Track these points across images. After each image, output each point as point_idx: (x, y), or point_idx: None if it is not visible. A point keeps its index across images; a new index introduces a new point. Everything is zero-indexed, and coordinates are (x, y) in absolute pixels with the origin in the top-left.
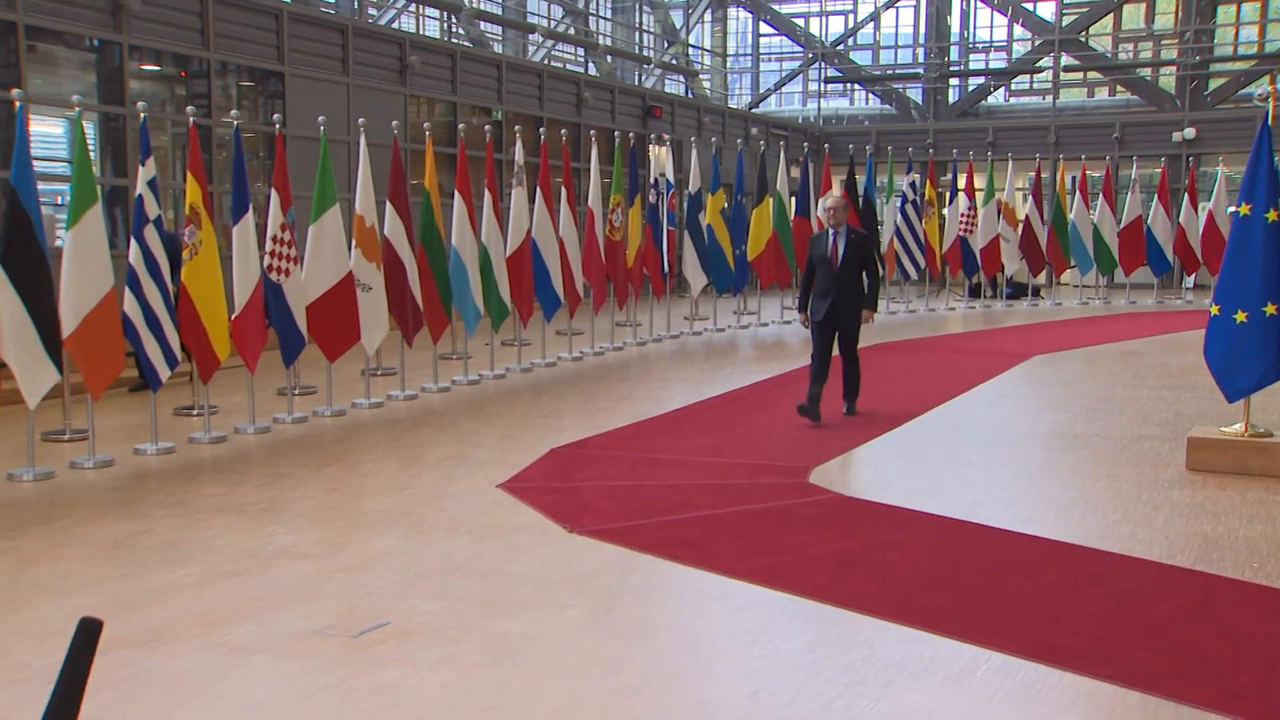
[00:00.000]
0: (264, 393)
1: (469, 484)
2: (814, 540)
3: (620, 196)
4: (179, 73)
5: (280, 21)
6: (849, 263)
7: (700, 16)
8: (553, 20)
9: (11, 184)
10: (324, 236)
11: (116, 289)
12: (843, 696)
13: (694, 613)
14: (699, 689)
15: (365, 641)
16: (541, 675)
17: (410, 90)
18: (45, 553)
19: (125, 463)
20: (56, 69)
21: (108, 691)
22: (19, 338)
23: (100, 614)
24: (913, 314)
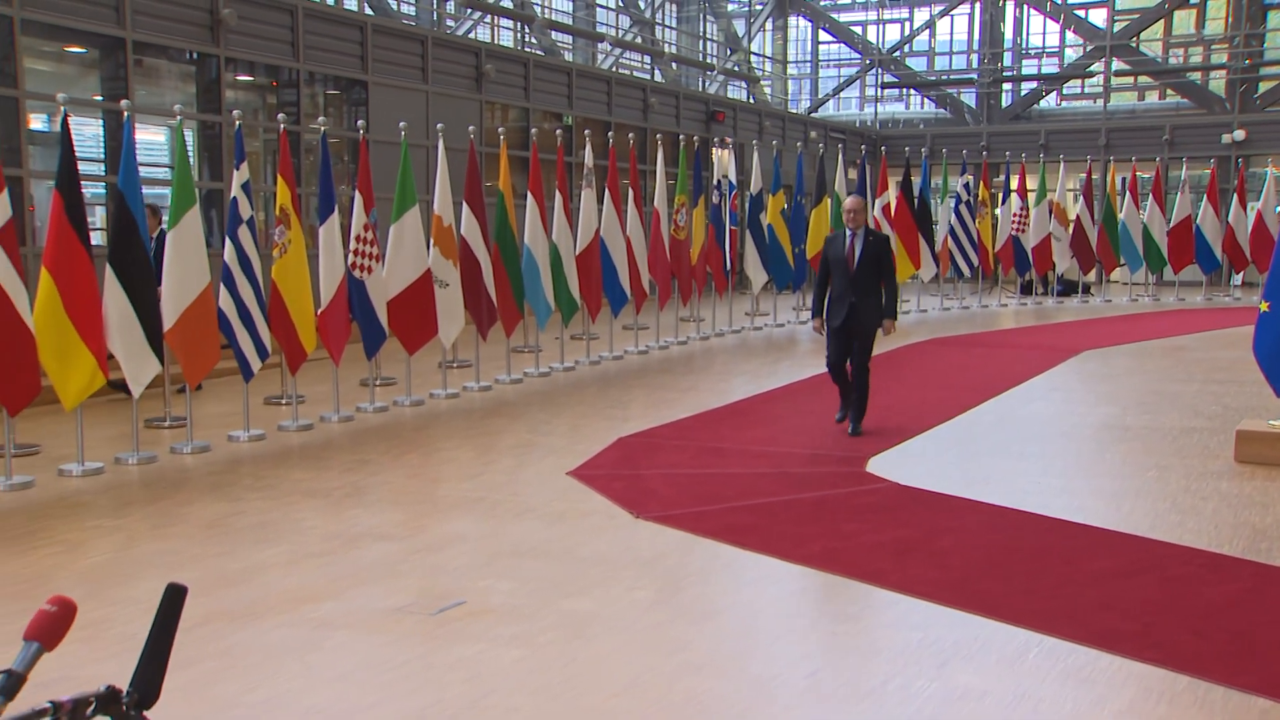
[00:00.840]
0: (347, 383)
1: (540, 471)
2: (870, 527)
3: (685, 197)
4: (270, 83)
5: (365, 33)
6: (866, 265)
7: (762, 25)
8: (621, 29)
9: (119, 188)
10: (404, 236)
11: (212, 285)
12: (898, 677)
13: (754, 595)
14: (759, 668)
15: (443, 619)
16: (610, 652)
17: (485, 97)
18: (149, 532)
19: (220, 448)
20: (159, 81)
21: (207, 662)
22: (125, 332)
23: (197, 589)
24: (966, 310)
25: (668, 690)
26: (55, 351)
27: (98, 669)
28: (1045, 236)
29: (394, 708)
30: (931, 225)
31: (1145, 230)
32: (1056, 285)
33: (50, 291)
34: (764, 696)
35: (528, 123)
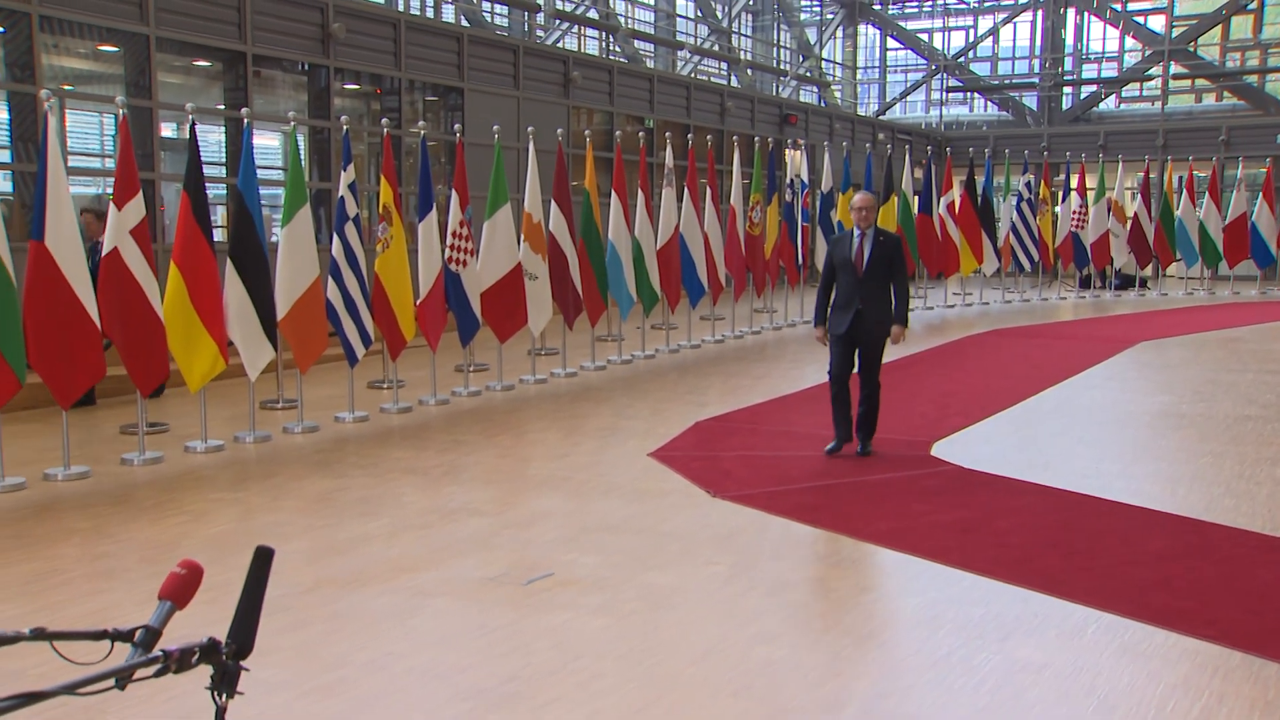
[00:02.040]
0: (443, 369)
1: (623, 452)
2: (935, 508)
3: (759, 195)
4: (375, 90)
5: (461, 44)
6: (875, 268)
7: (833, 32)
8: (699, 38)
9: (239, 188)
10: (497, 231)
11: (321, 278)
12: (962, 649)
13: (824, 570)
14: (830, 638)
15: (533, 589)
16: (689, 622)
17: (572, 102)
18: (264, 504)
19: (327, 429)
20: (275, 90)
21: (317, 624)
22: (243, 320)
23: (307, 558)
24: (1027, 303)
25: (743, 658)
26: (182, 339)
27: (221, 627)
28: (1104, 233)
29: (487, 670)
30: (994, 222)
31: (1201, 227)
32: (1114, 279)
33: (178, 284)
34: (834, 664)
35: (612, 126)
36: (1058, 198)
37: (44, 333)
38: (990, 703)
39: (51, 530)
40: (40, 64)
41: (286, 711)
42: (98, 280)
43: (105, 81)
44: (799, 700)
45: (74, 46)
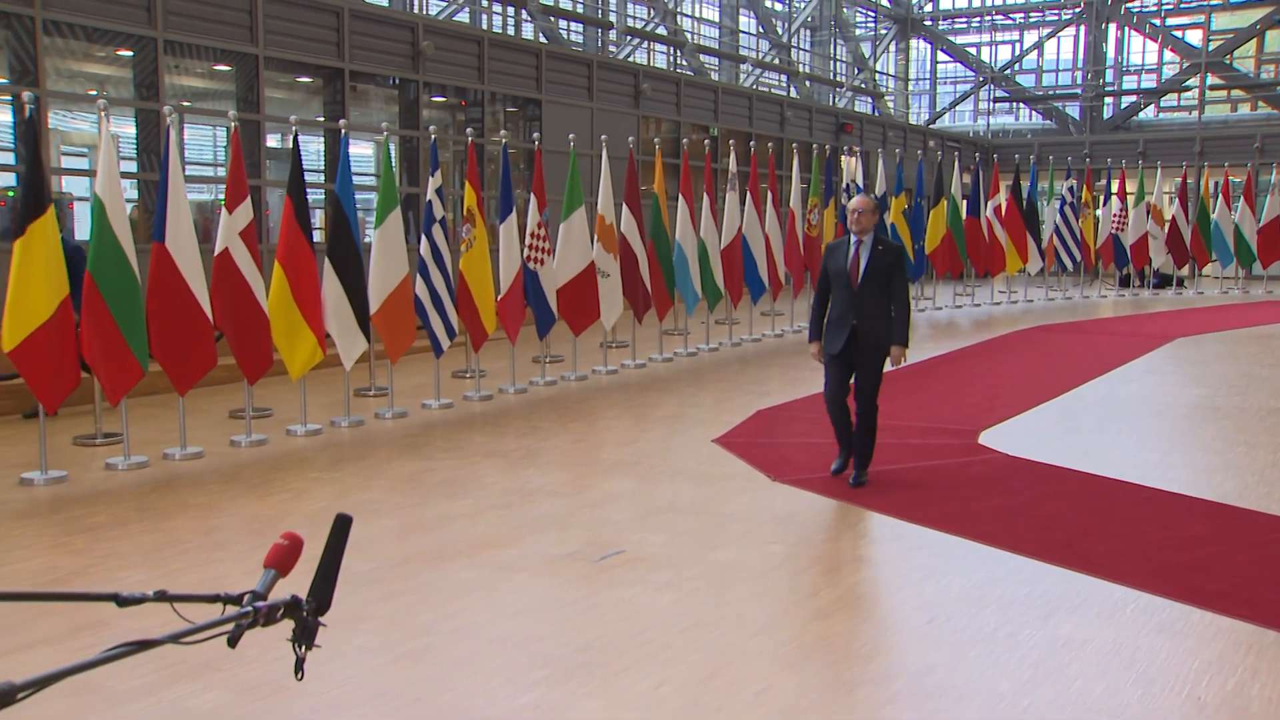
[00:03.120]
0: (522, 360)
1: (689, 438)
2: (982, 493)
3: (817, 199)
4: (460, 102)
5: (539, 59)
6: (873, 280)
7: (886, 46)
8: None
9: (336, 193)
10: (572, 232)
11: (410, 275)
12: (1007, 625)
13: (878, 551)
14: (882, 614)
15: (605, 565)
16: (750, 597)
17: (642, 112)
18: (358, 484)
19: (415, 415)
20: (369, 103)
21: (407, 595)
22: (339, 314)
23: (397, 534)
24: (1069, 300)
25: (801, 632)
26: (284, 331)
27: None
28: (1143, 234)
29: (563, 640)
30: (1039, 224)
31: (1236, 229)
32: (1152, 279)
33: (281, 281)
34: (886, 639)
35: (679, 134)
36: (1099, 201)
37: (163, 326)
38: (1034, 676)
39: (171, 504)
40: (163, 83)
41: (378, 675)
42: (210, 279)
43: (219, 98)
44: (853, 672)
45: (192, 67)
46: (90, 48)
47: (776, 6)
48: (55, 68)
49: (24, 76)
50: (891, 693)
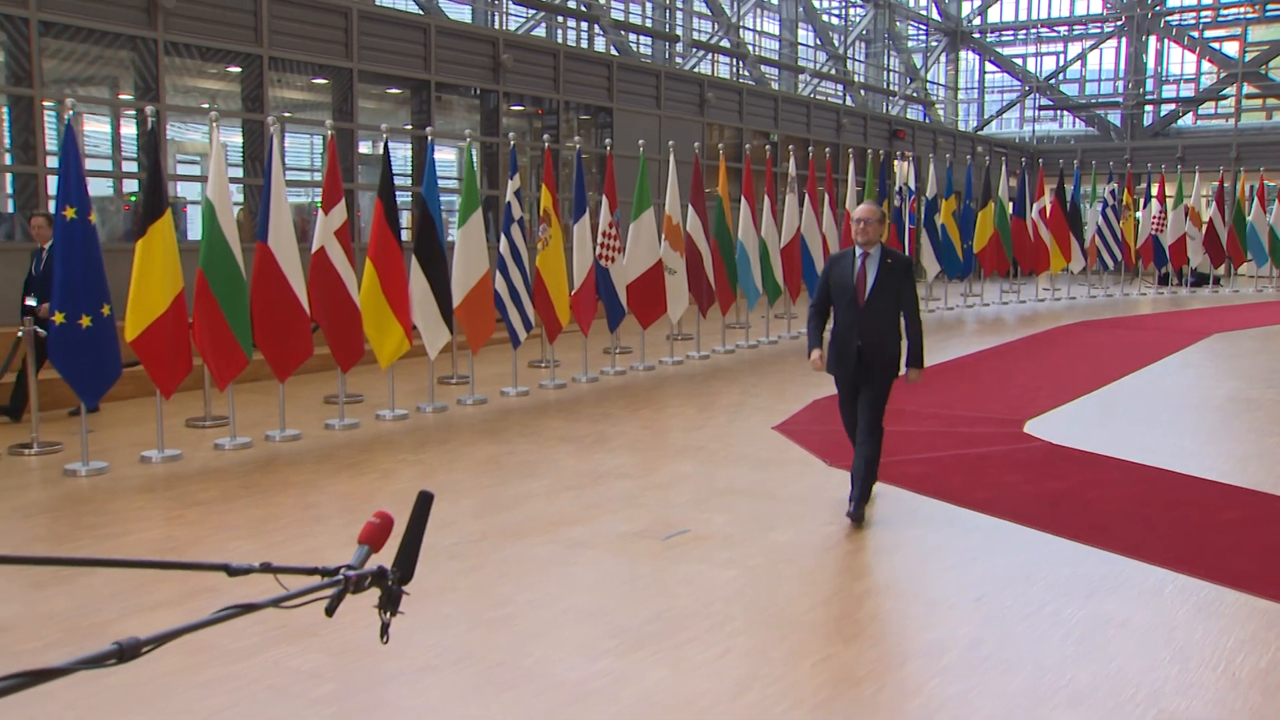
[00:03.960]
0: (594, 351)
1: (750, 425)
2: (1027, 479)
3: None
4: (537, 110)
5: (611, 70)
6: (880, 297)
7: (937, 57)
8: (818, 63)
9: (422, 195)
10: (641, 232)
11: (490, 271)
12: (1052, 604)
13: (928, 532)
14: (933, 592)
15: (671, 543)
16: (807, 575)
17: (707, 119)
18: (442, 465)
19: (495, 402)
20: (452, 112)
21: (488, 568)
22: (425, 308)
23: (478, 512)
24: (1110, 297)
25: (856, 608)
26: (374, 323)
27: None
28: (1181, 235)
29: (632, 612)
30: (1081, 225)
31: (1271, 230)
32: (1190, 277)
33: (372, 277)
34: (936, 615)
35: (741, 140)
36: (1139, 204)
37: (265, 318)
38: (1077, 651)
39: (272, 482)
40: (267, 96)
41: (461, 641)
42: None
43: (316, 109)
44: (906, 646)
45: (293, 81)
46: (204, 65)
47: (833, 20)
48: (173, 84)
49: (146, 93)
50: (942, 665)
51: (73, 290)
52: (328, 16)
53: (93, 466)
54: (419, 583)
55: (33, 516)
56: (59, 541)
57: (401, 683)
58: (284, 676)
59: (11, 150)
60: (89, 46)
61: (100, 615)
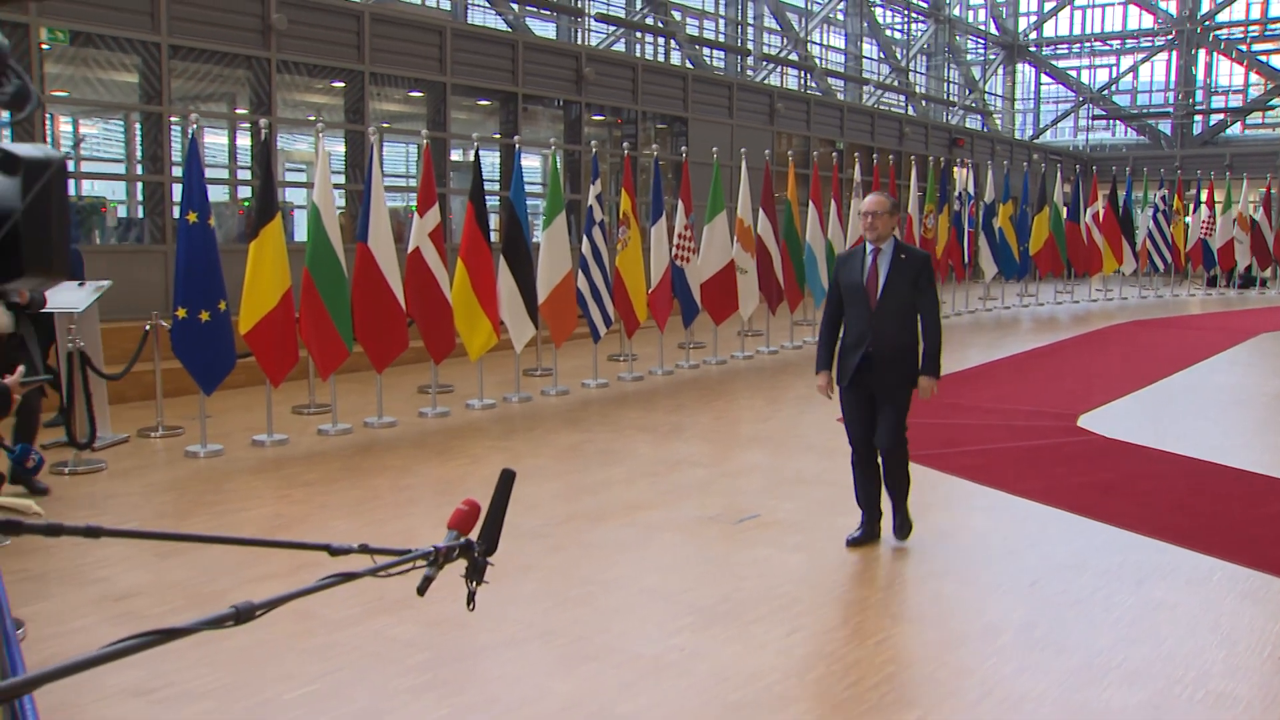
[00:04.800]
0: (669, 346)
1: (817, 417)
2: (1080, 470)
3: (932, 206)
4: (616, 120)
5: (686, 82)
6: (894, 297)
7: (994, 70)
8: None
9: (510, 199)
10: (714, 234)
11: (573, 271)
12: (1103, 589)
13: (985, 520)
14: (989, 577)
15: (742, 528)
16: (871, 559)
17: (776, 128)
18: (528, 452)
19: (576, 393)
20: (538, 121)
21: (571, 549)
22: (511, 304)
23: (561, 497)
24: (1160, 298)
25: (916, 591)
26: (465, 318)
27: None
28: (1229, 239)
29: (705, 591)
30: (1133, 229)
31: None
32: (1238, 279)
33: (463, 276)
34: (993, 597)
35: (809, 148)
36: (1189, 209)
37: (365, 313)
38: (1128, 635)
39: (370, 465)
40: (368, 108)
41: (546, 617)
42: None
43: (412, 120)
44: (964, 626)
45: (391, 94)
46: (311, 81)
47: (896, 35)
48: (284, 99)
49: (259, 107)
50: (997, 645)
51: (193, 288)
52: (424, 35)
53: (210, 449)
54: (507, 561)
55: (159, 494)
56: (181, 516)
57: (490, 653)
58: (382, 645)
59: (142, 161)
60: (210, 66)
61: (217, 584)
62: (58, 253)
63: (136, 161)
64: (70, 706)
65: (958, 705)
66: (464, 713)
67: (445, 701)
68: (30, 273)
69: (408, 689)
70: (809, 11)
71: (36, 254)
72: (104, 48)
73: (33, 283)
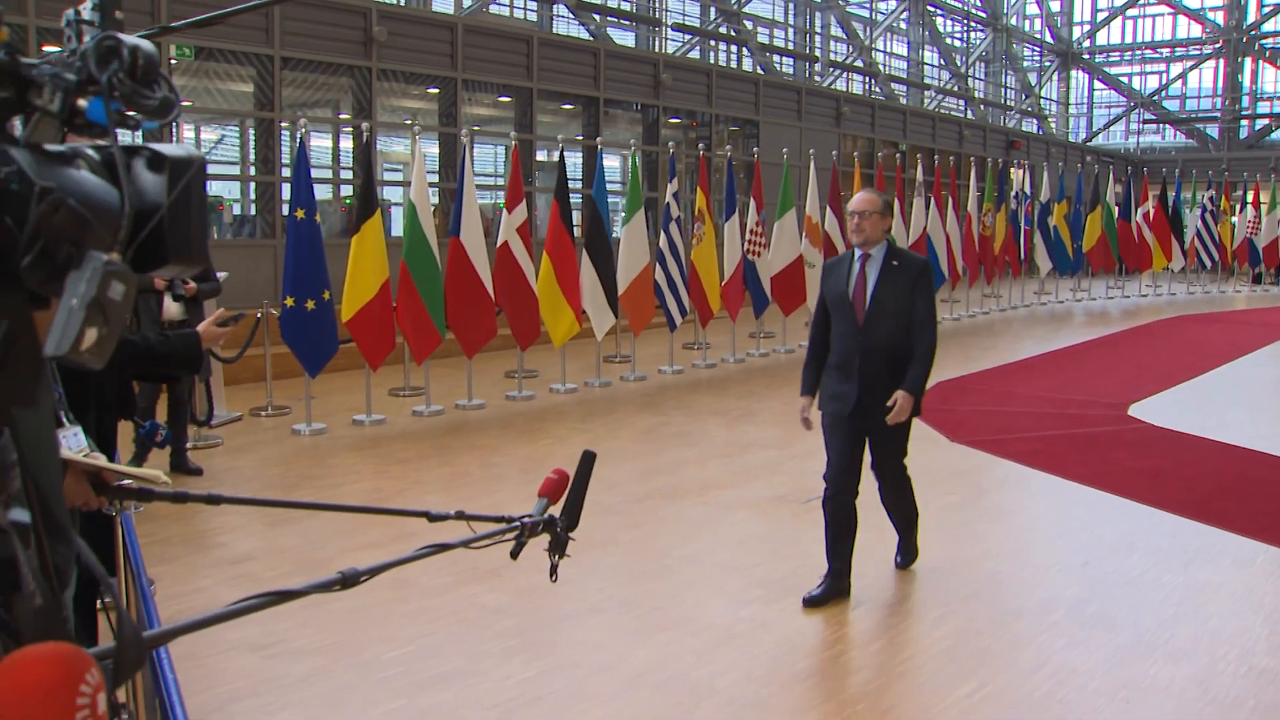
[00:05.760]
0: (740, 335)
1: None
2: (1131, 457)
3: (990, 204)
4: (692, 123)
5: (757, 87)
6: (884, 311)
7: (1050, 76)
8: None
9: (592, 197)
10: (784, 230)
11: (651, 264)
12: (1152, 570)
13: (1039, 503)
14: (1042, 557)
15: (809, 507)
16: (932, 538)
17: (842, 130)
18: (607, 434)
19: (653, 379)
20: (617, 124)
21: (648, 526)
22: (593, 295)
23: (638, 477)
24: (1208, 294)
25: (974, 569)
26: (549, 308)
27: None
28: (1274, 238)
29: (774, 566)
30: (1182, 228)
31: None
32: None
33: (548, 267)
34: (1046, 577)
35: (873, 149)
36: (1235, 209)
37: (457, 302)
38: (1175, 613)
39: (461, 445)
40: (460, 113)
41: (625, 589)
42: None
43: (501, 123)
44: (1018, 603)
45: (481, 99)
46: (408, 88)
47: (956, 43)
48: (383, 104)
49: (360, 112)
50: (1050, 621)
51: (300, 279)
52: (512, 44)
53: (314, 427)
54: (589, 536)
55: (268, 467)
56: (289, 488)
57: (573, 621)
58: (473, 611)
59: (255, 163)
60: (317, 76)
61: (322, 551)
62: (197, 242)
63: (250, 164)
64: (192, 659)
65: (1013, 677)
66: (549, 674)
67: (532, 664)
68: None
69: (498, 652)
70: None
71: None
72: (223, 61)
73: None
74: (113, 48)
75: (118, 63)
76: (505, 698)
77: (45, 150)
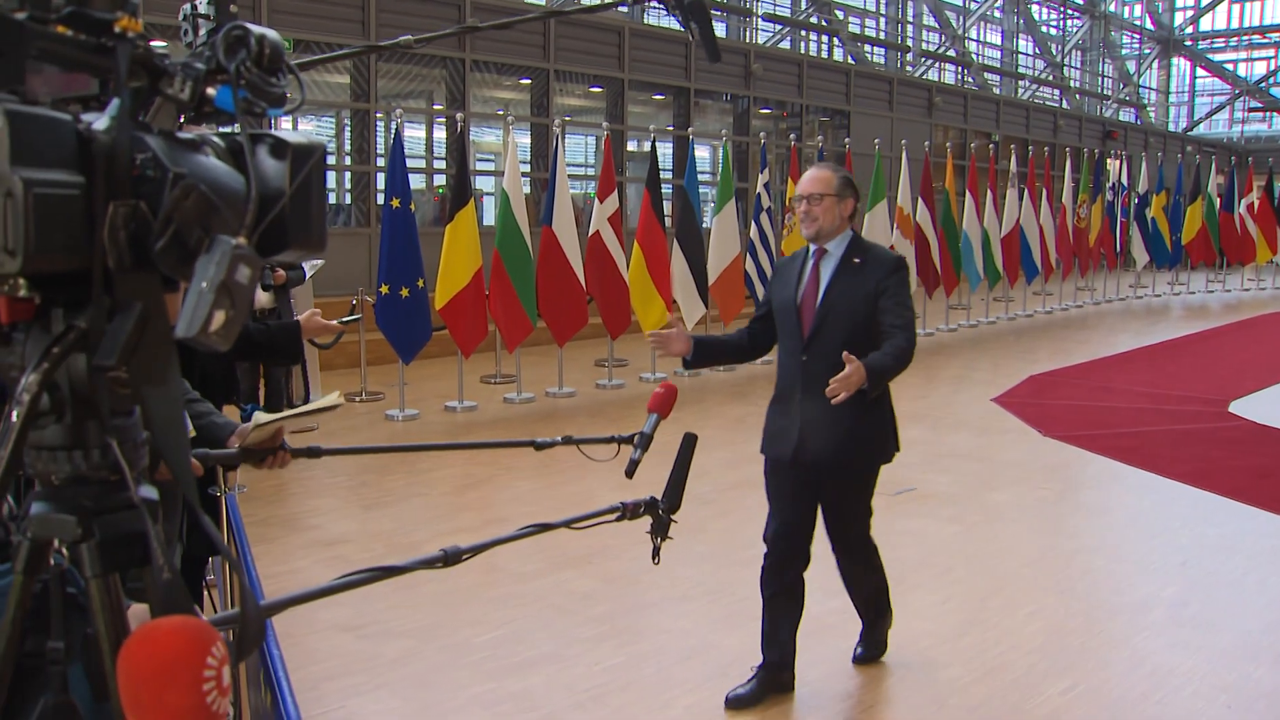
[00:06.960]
0: None
1: (970, 396)
2: (1232, 455)
3: (1085, 196)
4: (783, 113)
5: (849, 77)
6: (838, 323)
7: (1149, 64)
8: (1037, 69)
9: (684, 187)
10: (874, 220)
11: (741, 254)
12: (1255, 571)
13: (1136, 500)
14: (1140, 554)
15: (899, 499)
16: (1022, 533)
17: (934, 121)
18: (696, 423)
19: (741, 369)
20: (706, 114)
21: (735, 514)
22: (684, 284)
23: (728, 465)
24: None
25: (1066, 565)
26: (640, 297)
27: None
28: None
29: None
30: None
31: None
32: None
33: (639, 257)
34: (1142, 575)
35: (966, 140)
36: None
37: (548, 291)
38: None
39: (551, 431)
40: (552, 103)
41: (713, 576)
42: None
43: (592, 113)
44: (1112, 601)
45: (573, 90)
46: (500, 79)
47: (1051, 31)
48: (476, 95)
49: (454, 103)
50: (1147, 621)
51: (395, 267)
52: (604, 34)
53: (407, 413)
54: (679, 524)
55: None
56: (383, 472)
57: (661, 609)
58: (563, 597)
59: (350, 153)
60: (411, 67)
61: (415, 535)
62: (317, 227)
63: (345, 153)
64: (287, 637)
65: (1108, 676)
66: (638, 661)
67: (621, 650)
68: (295, 245)
69: (588, 637)
70: (966, 9)
71: (301, 229)
72: (321, 52)
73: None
74: (240, 37)
75: (245, 52)
76: (594, 684)
77: (176, 137)
